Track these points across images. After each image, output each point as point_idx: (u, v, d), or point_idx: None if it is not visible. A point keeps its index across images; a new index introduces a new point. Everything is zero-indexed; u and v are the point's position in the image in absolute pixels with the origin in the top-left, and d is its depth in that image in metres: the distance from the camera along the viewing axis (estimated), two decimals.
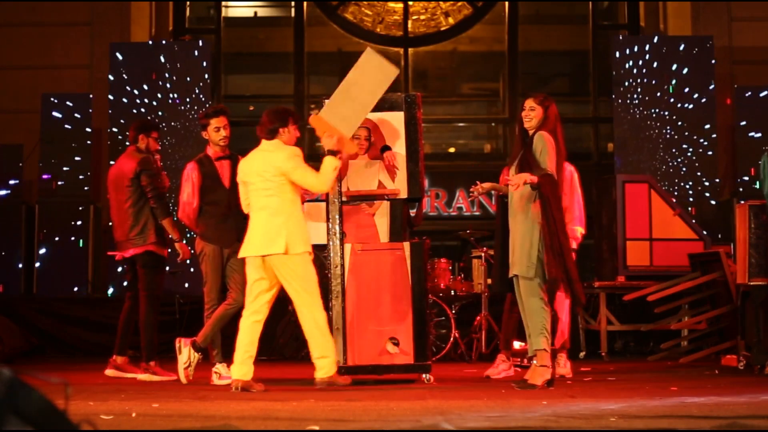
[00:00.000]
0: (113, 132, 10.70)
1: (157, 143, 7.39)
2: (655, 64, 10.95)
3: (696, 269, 8.62)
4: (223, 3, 12.87)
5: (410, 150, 6.41)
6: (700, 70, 10.94)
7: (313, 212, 6.86)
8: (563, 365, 6.94)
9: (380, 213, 6.85)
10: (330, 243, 6.34)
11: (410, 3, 12.59)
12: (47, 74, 11.51)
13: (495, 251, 7.33)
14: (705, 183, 10.86)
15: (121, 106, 10.80)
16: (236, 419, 4.07)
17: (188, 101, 10.83)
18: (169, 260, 7.66)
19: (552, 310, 6.05)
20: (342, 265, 6.30)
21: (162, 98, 10.83)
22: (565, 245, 5.82)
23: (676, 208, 9.25)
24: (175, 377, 6.64)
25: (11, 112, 11.44)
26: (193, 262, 9.26)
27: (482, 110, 13.58)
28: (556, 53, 13.35)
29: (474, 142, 13.66)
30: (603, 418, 4.04)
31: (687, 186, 10.83)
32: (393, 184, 6.41)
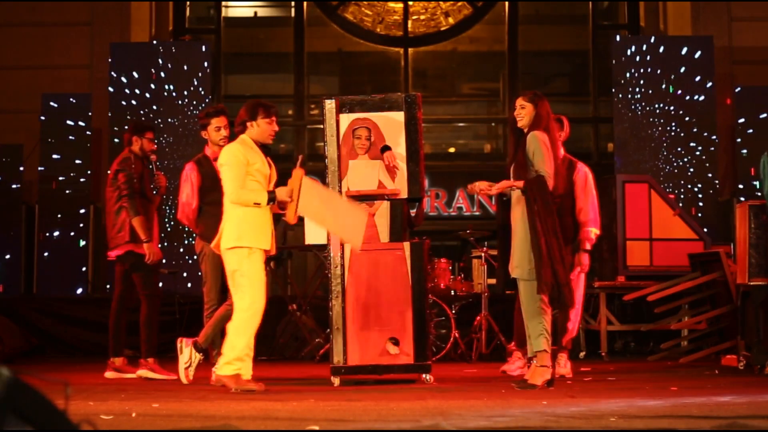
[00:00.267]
0: (113, 132, 10.69)
1: (153, 143, 7.33)
2: (655, 64, 10.95)
3: (696, 269, 8.62)
4: (223, 3, 12.87)
5: (410, 150, 6.41)
6: (700, 70, 10.94)
7: None
8: (563, 365, 6.94)
9: (380, 213, 6.84)
10: (330, 243, 6.34)
11: (410, 3, 12.59)
12: (47, 74, 11.52)
13: (498, 251, 7.32)
14: (705, 183, 10.86)
15: (121, 107, 10.80)
16: (236, 419, 4.08)
17: (188, 101, 10.83)
18: (168, 261, 7.65)
19: (553, 312, 6.05)
20: (342, 265, 6.29)
21: (162, 98, 10.83)
22: (554, 248, 5.74)
23: (676, 208, 9.25)
24: (173, 376, 6.63)
25: (11, 112, 11.44)
26: (192, 262, 9.26)
27: (482, 110, 13.58)
28: (556, 53, 13.35)
29: (474, 142, 13.67)
30: (603, 418, 4.04)
31: (687, 186, 10.83)
32: (393, 184, 6.41)
